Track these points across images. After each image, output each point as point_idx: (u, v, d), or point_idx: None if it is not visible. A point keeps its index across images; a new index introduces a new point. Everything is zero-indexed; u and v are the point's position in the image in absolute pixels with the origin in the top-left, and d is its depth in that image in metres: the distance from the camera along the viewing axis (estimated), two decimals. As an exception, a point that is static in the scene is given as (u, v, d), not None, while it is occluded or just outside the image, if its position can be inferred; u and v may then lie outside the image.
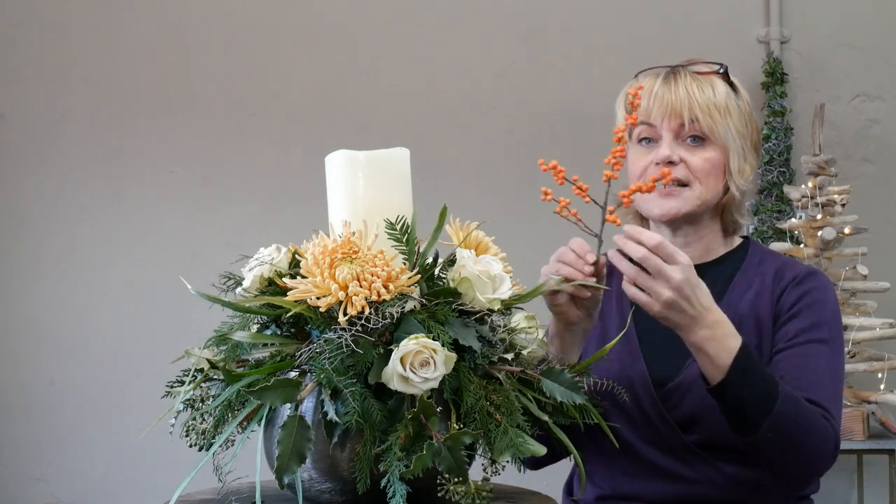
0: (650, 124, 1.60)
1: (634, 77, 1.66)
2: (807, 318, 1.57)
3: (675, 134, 1.59)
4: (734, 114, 1.61)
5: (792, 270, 1.63)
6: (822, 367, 1.54)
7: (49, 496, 3.61)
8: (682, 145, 1.60)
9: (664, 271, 1.39)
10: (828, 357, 1.56)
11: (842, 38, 3.58)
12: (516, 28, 3.69)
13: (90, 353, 3.61)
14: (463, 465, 1.13)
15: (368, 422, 1.13)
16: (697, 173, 1.59)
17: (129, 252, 3.63)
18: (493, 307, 1.25)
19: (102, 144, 3.66)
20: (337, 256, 1.18)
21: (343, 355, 1.13)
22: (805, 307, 1.58)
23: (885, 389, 2.98)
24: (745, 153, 1.63)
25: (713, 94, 1.59)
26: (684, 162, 1.59)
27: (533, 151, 3.83)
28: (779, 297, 1.60)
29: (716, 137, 1.59)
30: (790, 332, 1.57)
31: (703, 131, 1.59)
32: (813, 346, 1.55)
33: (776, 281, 1.62)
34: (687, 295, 1.40)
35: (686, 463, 1.57)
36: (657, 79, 1.61)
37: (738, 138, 1.61)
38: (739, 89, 1.64)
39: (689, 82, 1.59)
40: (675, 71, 1.62)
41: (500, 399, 1.19)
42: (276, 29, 3.71)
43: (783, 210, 3.36)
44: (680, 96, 1.58)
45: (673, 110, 1.58)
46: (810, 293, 1.60)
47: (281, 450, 1.10)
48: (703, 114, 1.58)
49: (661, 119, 1.59)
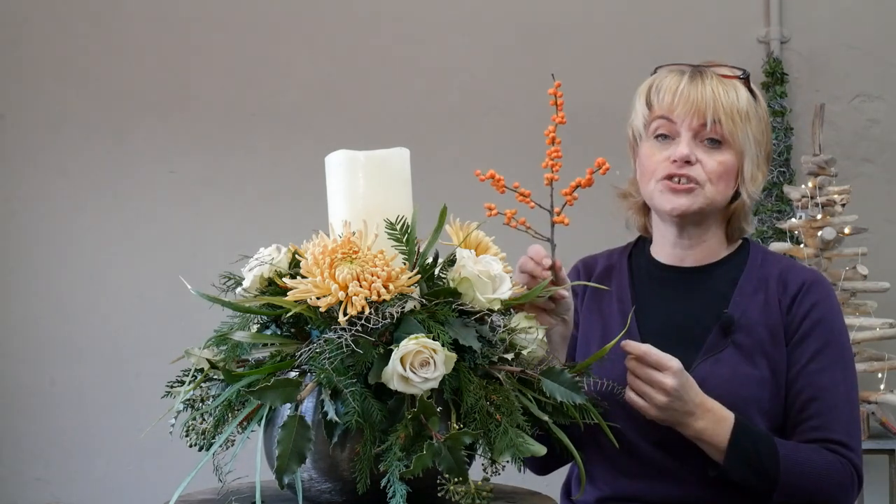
0: (671, 120, 1.59)
1: (654, 71, 1.65)
2: (819, 338, 1.59)
3: (695, 133, 1.58)
4: (753, 121, 1.60)
5: (796, 277, 1.63)
6: (840, 399, 1.57)
7: (49, 496, 3.61)
8: (700, 146, 1.59)
9: (656, 379, 1.46)
10: (843, 382, 1.58)
11: (842, 38, 3.58)
12: (517, 28, 3.69)
13: (90, 353, 3.61)
14: (463, 465, 1.13)
15: (368, 422, 1.13)
16: (711, 175, 1.58)
17: (130, 252, 3.63)
18: (493, 307, 1.24)
19: (102, 144, 3.66)
20: (337, 256, 1.18)
21: (343, 355, 1.13)
22: (816, 325, 1.59)
23: (885, 389, 2.99)
24: (759, 161, 1.62)
25: (737, 98, 1.58)
26: (700, 162, 1.58)
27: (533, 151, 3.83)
28: (788, 308, 1.60)
29: (734, 142, 1.58)
30: (804, 355, 1.58)
31: (722, 134, 1.58)
32: (828, 375, 1.57)
33: (781, 288, 1.62)
34: (680, 396, 1.46)
35: (689, 465, 1.56)
36: (682, 76, 1.60)
37: (754, 146, 1.60)
38: (759, 97, 1.64)
39: (716, 84, 1.58)
40: (701, 70, 1.61)
41: (500, 399, 1.19)
42: (276, 29, 3.71)
43: (783, 210, 3.36)
44: (706, 96, 1.57)
45: (697, 109, 1.57)
46: (818, 307, 1.60)
47: (281, 450, 1.10)
48: (727, 117, 1.57)
49: (684, 117, 1.58)
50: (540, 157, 1.47)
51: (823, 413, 1.54)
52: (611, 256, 1.76)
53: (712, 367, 1.57)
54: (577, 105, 3.58)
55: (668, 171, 1.58)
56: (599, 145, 3.73)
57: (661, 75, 1.63)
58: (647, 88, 1.63)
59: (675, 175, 1.58)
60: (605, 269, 1.73)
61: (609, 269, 1.73)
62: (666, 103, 1.59)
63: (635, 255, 1.73)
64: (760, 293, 1.62)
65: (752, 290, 1.63)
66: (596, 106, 3.52)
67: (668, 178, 1.59)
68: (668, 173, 1.59)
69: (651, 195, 1.62)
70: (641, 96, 1.64)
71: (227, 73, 3.68)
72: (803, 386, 1.57)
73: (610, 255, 1.77)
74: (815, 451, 1.53)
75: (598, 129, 3.54)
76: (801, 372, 1.57)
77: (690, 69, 1.61)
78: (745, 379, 1.55)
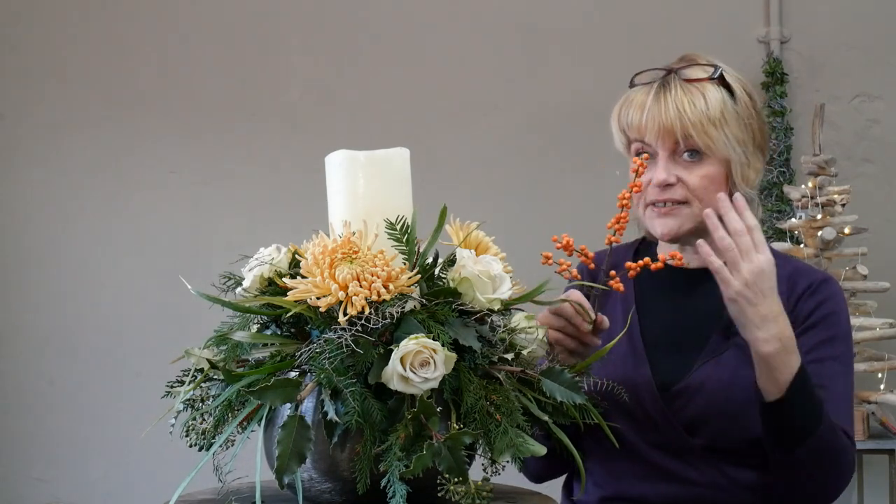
0: (645, 143, 1.56)
1: (630, 84, 1.61)
2: (823, 331, 1.57)
3: (671, 151, 1.54)
4: (731, 122, 1.54)
5: (805, 278, 1.61)
6: (840, 390, 1.55)
7: (49, 496, 3.61)
8: (680, 162, 1.55)
9: (751, 255, 1.39)
10: (843, 377, 1.56)
11: (842, 38, 3.58)
12: (516, 28, 3.69)
13: (90, 353, 3.61)
14: (463, 465, 1.12)
15: (368, 422, 1.13)
16: (696, 191, 1.54)
17: (129, 252, 3.63)
18: (493, 307, 1.24)
19: (102, 144, 3.66)
20: (337, 256, 1.18)
21: (343, 355, 1.13)
22: (822, 318, 1.57)
23: (885, 389, 2.99)
24: (749, 159, 1.57)
25: (705, 105, 1.52)
26: (682, 181, 1.54)
27: (533, 151, 3.85)
28: (794, 304, 1.58)
29: (713, 151, 1.54)
30: (807, 344, 1.55)
31: (698, 147, 1.53)
32: (830, 366, 1.55)
33: (790, 288, 1.59)
34: (762, 289, 1.39)
35: (690, 465, 1.56)
36: (649, 92, 1.55)
37: (738, 147, 1.55)
38: (736, 91, 1.57)
39: (680, 96, 1.53)
40: (666, 82, 1.55)
41: (500, 399, 1.19)
42: (276, 29, 3.71)
43: (783, 210, 3.36)
44: (670, 115, 1.52)
45: (665, 130, 1.52)
46: (826, 303, 1.58)
47: (281, 450, 1.10)
48: (697, 130, 1.52)
49: (656, 138, 1.54)
50: (539, 155, 1.47)
51: (828, 401, 1.51)
52: (617, 253, 1.74)
53: (713, 368, 1.57)
54: (576, 105, 3.61)
55: (652, 196, 1.56)
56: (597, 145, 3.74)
57: (631, 92, 1.59)
58: (618, 110, 1.59)
59: (658, 201, 1.56)
60: (610, 267, 1.72)
61: (615, 266, 1.72)
62: (635, 126, 1.55)
63: (641, 252, 1.72)
64: None
65: None
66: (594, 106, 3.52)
67: (654, 204, 1.57)
68: (652, 199, 1.56)
69: (641, 220, 1.61)
70: (614, 120, 1.61)
71: (227, 73, 3.68)
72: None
73: (617, 251, 1.75)
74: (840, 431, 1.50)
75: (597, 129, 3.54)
76: (804, 360, 1.54)
77: (658, 81, 1.56)
78: (747, 381, 1.54)
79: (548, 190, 3.54)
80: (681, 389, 1.57)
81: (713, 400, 1.52)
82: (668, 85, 1.55)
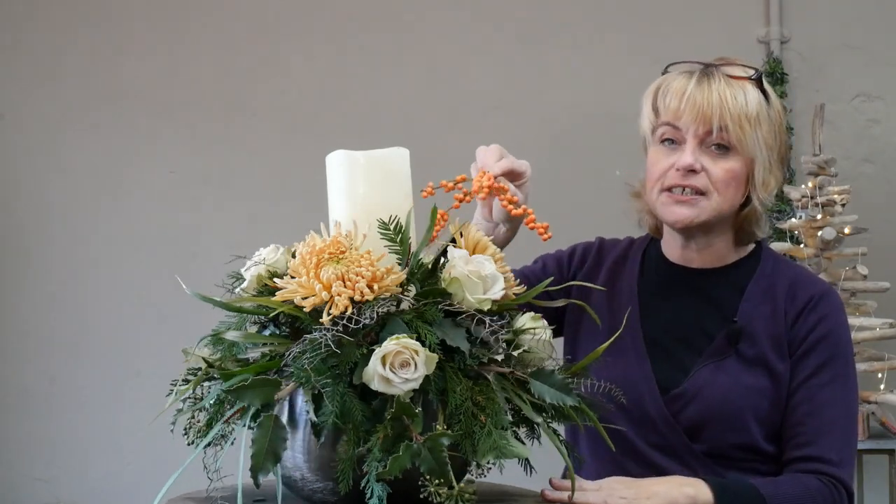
0: (676, 127, 1.54)
1: (665, 70, 1.59)
2: (823, 353, 1.56)
3: (701, 140, 1.53)
4: (764, 125, 1.54)
5: (805, 292, 1.59)
6: (836, 416, 1.54)
7: (49, 496, 3.61)
8: (706, 152, 1.53)
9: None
10: (842, 398, 1.55)
11: (842, 38, 3.58)
12: (517, 28, 3.68)
13: (90, 353, 3.61)
14: (445, 467, 1.11)
15: (349, 422, 1.13)
16: (717, 184, 1.53)
17: (129, 252, 3.63)
18: (482, 307, 1.22)
19: (102, 144, 3.66)
20: (324, 257, 1.18)
21: (323, 355, 1.12)
22: (821, 339, 1.56)
23: (885, 389, 2.98)
24: (772, 165, 1.57)
25: (745, 102, 1.52)
26: (706, 171, 1.53)
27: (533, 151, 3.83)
28: (794, 321, 1.57)
29: (742, 148, 1.52)
30: (806, 368, 1.55)
31: (730, 141, 1.52)
32: (828, 391, 1.54)
33: (789, 301, 1.58)
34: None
35: (690, 468, 1.55)
36: (690, 79, 1.54)
37: (765, 150, 1.54)
38: (772, 97, 1.57)
39: (723, 87, 1.52)
40: (709, 72, 1.54)
41: (485, 400, 1.17)
42: (276, 29, 3.71)
43: (783, 210, 3.36)
44: (713, 102, 1.51)
45: (703, 116, 1.51)
46: (825, 321, 1.57)
47: (256, 449, 1.10)
48: (734, 123, 1.51)
49: (690, 124, 1.52)
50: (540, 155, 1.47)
51: (816, 429, 1.51)
52: (630, 246, 1.73)
53: (713, 373, 1.56)
54: (576, 105, 3.61)
55: (672, 181, 1.54)
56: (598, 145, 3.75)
57: (669, 77, 1.57)
58: (655, 91, 1.58)
59: (678, 185, 1.54)
60: (620, 258, 1.70)
61: (623, 259, 1.70)
62: (672, 109, 1.54)
63: (650, 249, 1.71)
64: (768, 303, 1.59)
65: (759, 298, 1.60)
66: (594, 106, 3.52)
67: (671, 189, 1.55)
68: (671, 184, 1.55)
69: (654, 205, 1.59)
70: (648, 99, 1.59)
71: (228, 73, 3.68)
72: (802, 399, 1.55)
73: (630, 243, 1.73)
74: (794, 484, 1.49)
75: (596, 129, 3.54)
76: (801, 385, 1.55)
77: (699, 70, 1.55)
78: (745, 389, 1.53)
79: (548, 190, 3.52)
80: (679, 393, 1.57)
81: (711, 404, 1.51)
82: (712, 75, 1.54)
